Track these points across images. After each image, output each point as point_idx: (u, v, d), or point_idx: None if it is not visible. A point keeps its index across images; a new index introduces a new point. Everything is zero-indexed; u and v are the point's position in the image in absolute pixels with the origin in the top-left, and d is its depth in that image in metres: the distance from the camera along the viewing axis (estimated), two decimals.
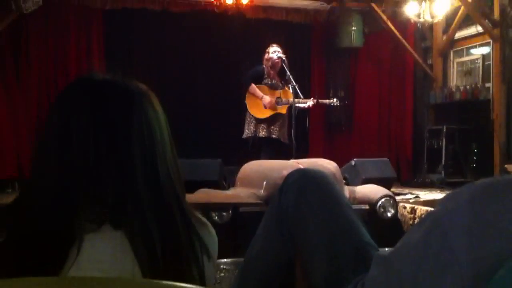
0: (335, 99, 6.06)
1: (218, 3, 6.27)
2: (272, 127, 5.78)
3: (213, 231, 1.05)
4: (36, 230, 0.87)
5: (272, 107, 5.74)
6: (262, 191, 4.04)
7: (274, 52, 5.76)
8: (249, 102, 5.81)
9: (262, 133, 5.76)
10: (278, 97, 5.76)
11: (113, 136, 0.93)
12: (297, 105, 5.63)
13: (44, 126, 0.96)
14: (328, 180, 1.45)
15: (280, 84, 5.85)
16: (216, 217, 3.75)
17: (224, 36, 7.04)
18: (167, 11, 6.86)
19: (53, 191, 0.91)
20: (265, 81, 5.84)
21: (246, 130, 5.84)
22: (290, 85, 5.58)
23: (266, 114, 5.75)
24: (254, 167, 4.64)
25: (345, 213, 1.39)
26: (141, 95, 0.99)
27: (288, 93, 5.69)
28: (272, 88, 5.83)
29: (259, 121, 5.78)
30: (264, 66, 5.87)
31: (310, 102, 5.74)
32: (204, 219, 1.05)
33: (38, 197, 0.92)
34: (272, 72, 5.85)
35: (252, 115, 5.80)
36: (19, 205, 0.93)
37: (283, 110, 5.79)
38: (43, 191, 0.92)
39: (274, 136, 5.77)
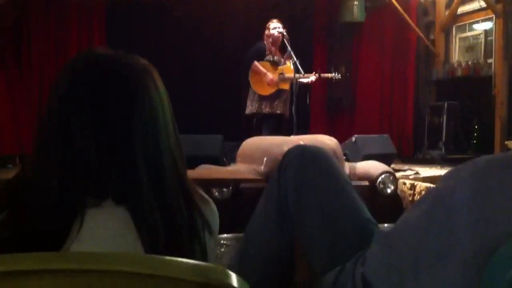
0: (336, 73, 6.03)
1: None
2: (276, 102, 5.78)
3: (214, 208, 1.06)
4: (37, 230, 0.88)
5: (275, 83, 5.73)
6: (262, 167, 4.04)
7: (275, 28, 5.74)
8: (252, 79, 5.80)
9: (266, 109, 5.76)
10: (280, 73, 5.74)
11: (114, 124, 0.93)
12: (300, 80, 5.62)
13: (45, 121, 0.97)
14: (327, 157, 1.44)
15: (282, 60, 5.83)
16: (217, 193, 3.76)
17: (226, 14, 6.99)
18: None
19: (54, 190, 0.91)
20: (267, 57, 5.82)
21: (250, 107, 5.85)
22: (291, 61, 5.56)
23: (269, 90, 5.74)
24: (255, 143, 4.64)
25: (345, 190, 1.39)
26: (143, 74, 0.98)
27: (290, 69, 5.68)
28: (274, 64, 5.81)
29: (262, 98, 5.77)
30: (265, 42, 5.84)
31: (312, 77, 5.73)
32: (206, 196, 1.05)
33: (39, 197, 0.91)
34: (273, 48, 5.83)
35: (256, 92, 5.79)
36: (20, 203, 0.92)
37: (286, 85, 5.78)
38: (44, 191, 0.91)
39: (278, 111, 5.77)
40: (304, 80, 5.70)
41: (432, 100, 7.57)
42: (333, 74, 6.02)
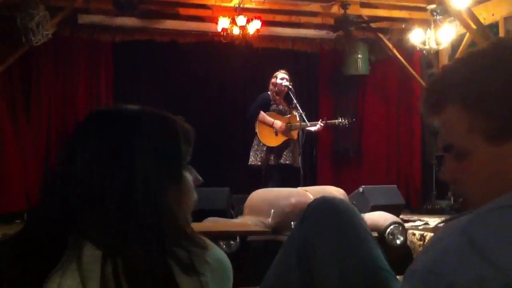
0: (343, 119, 6.06)
1: (225, 33, 6.35)
2: (285, 153, 5.74)
3: (213, 259, 1.03)
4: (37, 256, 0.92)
5: (285, 132, 5.72)
6: (269, 219, 4.03)
7: (282, 79, 5.76)
8: (260, 130, 5.78)
9: (274, 160, 5.72)
10: (288, 123, 5.75)
11: (116, 167, 0.96)
12: (307, 128, 5.63)
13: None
14: (348, 207, 1.46)
15: (288, 109, 5.86)
16: (224, 246, 3.74)
17: (232, 65, 7.11)
18: (175, 43, 6.96)
19: (54, 221, 0.95)
20: (273, 107, 5.84)
21: (252, 158, 5.80)
22: (297, 112, 5.59)
23: (279, 141, 5.72)
24: (262, 195, 4.64)
25: (365, 241, 1.39)
26: (150, 123, 1.02)
27: (296, 119, 5.68)
28: (280, 113, 5.83)
29: (271, 149, 5.74)
30: (270, 92, 5.88)
31: (319, 124, 5.76)
32: (217, 255, 1.03)
33: (41, 226, 0.96)
34: (278, 97, 5.86)
35: (264, 144, 5.75)
36: (22, 234, 0.97)
37: (294, 135, 5.76)
38: (45, 221, 0.96)
39: (287, 162, 5.71)
40: (312, 128, 5.71)
41: (438, 150, 7.56)
42: (340, 119, 6.06)
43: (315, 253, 1.37)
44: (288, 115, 5.81)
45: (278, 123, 5.69)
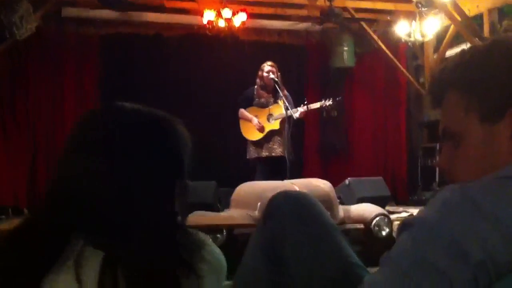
0: (327, 100, 5.70)
1: (210, 26, 6.32)
2: (271, 145, 5.72)
3: (211, 256, 1.06)
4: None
5: (262, 127, 5.71)
6: (256, 212, 4.03)
7: (268, 72, 5.71)
8: (242, 127, 5.84)
9: (265, 153, 5.72)
10: (268, 114, 5.74)
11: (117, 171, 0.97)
12: (291, 115, 5.47)
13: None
14: (311, 202, 1.43)
15: (272, 101, 5.81)
16: (211, 240, 3.74)
17: (218, 58, 7.08)
18: (160, 36, 6.93)
19: (56, 220, 0.96)
20: (255, 101, 5.85)
21: (249, 151, 5.85)
22: (281, 102, 5.51)
23: (259, 135, 5.74)
24: (249, 188, 4.64)
25: (331, 235, 1.38)
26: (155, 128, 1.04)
27: (280, 107, 5.65)
28: (262, 106, 5.80)
29: (256, 143, 5.76)
30: (256, 86, 5.86)
31: (300, 109, 5.57)
32: (213, 251, 1.08)
33: (42, 225, 0.96)
34: (262, 91, 5.84)
35: (248, 139, 5.81)
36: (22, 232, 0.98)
37: (275, 125, 5.70)
38: (47, 219, 0.97)
39: (272, 154, 5.68)
40: (295, 115, 5.49)
41: (424, 141, 7.62)
42: (323, 101, 5.71)
43: (282, 251, 1.35)
44: (271, 105, 5.78)
45: (254, 120, 5.71)
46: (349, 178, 5.46)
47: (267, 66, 5.77)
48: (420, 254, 0.80)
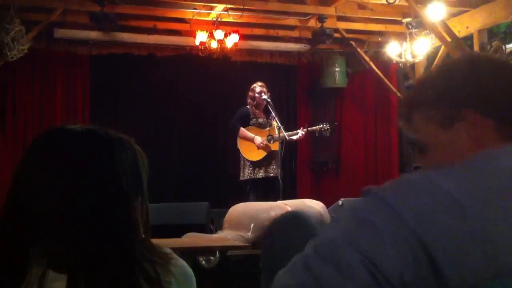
0: (324, 124, 6.01)
1: (203, 47, 6.35)
2: (269, 166, 5.69)
3: (177, 269, 1.05)
4: None
5: (266, 147, 5.70)
6: (249, 233, 4.00)
7: (260, 92, 5.74)
8: (242, 146, 5.74)
9: (261, 174, 5.67)
10: (269, 135, 5.74)
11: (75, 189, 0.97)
12: (290, 138, 5.59)
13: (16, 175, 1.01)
14: (309, 222, 1.46)
15: (268, 122, 5.84)
16: (204, 262, 3.70)
17: (210, 79, 7.10)
18: (152, 56, 6.94)
19: (15, 241, 0.95)
20: (253, 121, 5.83)
21: (241, 174, 5.75)
22: (276, 125, 5.56)
23: (261, 155, 5.68)
24: (241, 209, 4.62)
25: None
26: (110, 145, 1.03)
27: (276, 131, 5.66)
28: (261, 127, 5.80)
29: (255, 164, 5.69)
30: (249, 106, 5.88)
31: (300, 132, 5.72)
32: (179, 264, 1.07)
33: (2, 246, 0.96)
34: (257, 110, 5.85)
35: (248, 159, 5.71)
36: None
37: (276, 146, 5.70)
38: (6, 240, 0.96)
39: (272, 174, 5.66)
40: (294, 137, 5.68)
41: (416, 160, 7.63)
42: (321, 125, 6.00)
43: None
44: (268, 128, 5.80)
45: (258, 139, 5.66)
46: (342, 199, 5.44)
47: (258, 87, 5.78)
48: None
